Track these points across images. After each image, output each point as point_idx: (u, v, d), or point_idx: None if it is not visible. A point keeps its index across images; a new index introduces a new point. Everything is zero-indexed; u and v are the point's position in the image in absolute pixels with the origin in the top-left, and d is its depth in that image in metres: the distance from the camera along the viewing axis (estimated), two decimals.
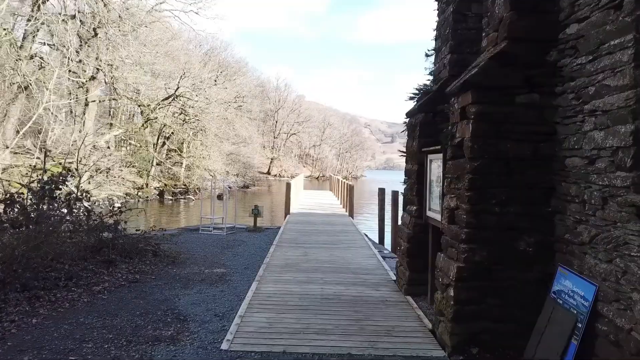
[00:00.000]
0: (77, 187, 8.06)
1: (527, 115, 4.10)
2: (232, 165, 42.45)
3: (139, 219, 19.39)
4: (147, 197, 30.36)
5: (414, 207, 6.01)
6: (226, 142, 41.56)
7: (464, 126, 4.28)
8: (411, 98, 7.03)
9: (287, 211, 14.40)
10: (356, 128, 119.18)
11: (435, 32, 6.82)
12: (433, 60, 7.55)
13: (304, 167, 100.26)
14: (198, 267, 7.86)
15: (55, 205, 7.12)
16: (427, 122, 5.98)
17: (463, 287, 4.06)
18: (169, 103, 28.89)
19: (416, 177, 6.02)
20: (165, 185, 34.81)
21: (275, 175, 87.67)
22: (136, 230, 9.14)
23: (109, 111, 38.22)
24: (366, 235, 11.48)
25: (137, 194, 30.13)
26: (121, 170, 34.68)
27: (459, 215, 4.24)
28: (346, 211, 15.93)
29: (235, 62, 45.16)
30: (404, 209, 6.56)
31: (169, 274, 7.21)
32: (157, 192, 32.18)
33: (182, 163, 36.26)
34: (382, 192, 12.87)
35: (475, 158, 4.09)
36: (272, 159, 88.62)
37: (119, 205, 26.44)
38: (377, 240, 12.20)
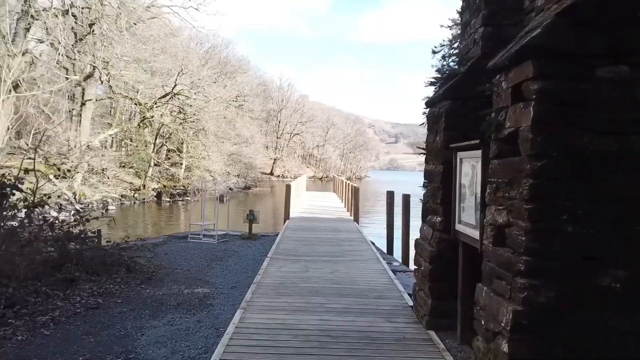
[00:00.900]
0: (33, 191, 6.88)
1: (612, 95, 2.89)
2: (234, 166, 41.35)
3: (123, 226, 18.33)
4: (144, 198, 29.29)
5: (438, 219, 4.79)
6: (227, 142, 40.46)
7: (519, 111, 3.06)
8: (432, 83, 5.82)
9: (286, 216, 13.20)
10: (360, 128, 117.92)
11: (462, 2, 5.60)
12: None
13: (308, 167, 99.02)
14: (177, 285, 6.67)
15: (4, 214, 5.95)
16: (455, 110, 4.76)
17: (523, 340, 2.85)
18: (167, 102, 27.80)
19: (441, 181, 4.80)
20: (164, 186, 33.76)
21: (278, 176, 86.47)
22: (107, 241, 7.97)
23: (110, 111, 37.26)
24: (373, 244, 10.26)
25: (133, 196, 29.07)
26: (118, 171, 33.75)
27: (513, 236, 3.02)
28: (351, 215, 14.71)
29: (237, 60, 44.05)
30: (424, 220, 5.34)
31: (140, 296, 6.02)
32: (154, 194, 31.10)
33: (181, 164, 35.22)
34: (390, 195, 11.64)
35: (538, 156, 2.87)
36: (275, 160, 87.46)
37: (112, 207, 25.44)
38: (385, 250, 10.99)
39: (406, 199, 10.20)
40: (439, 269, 4.68)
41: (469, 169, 4.25)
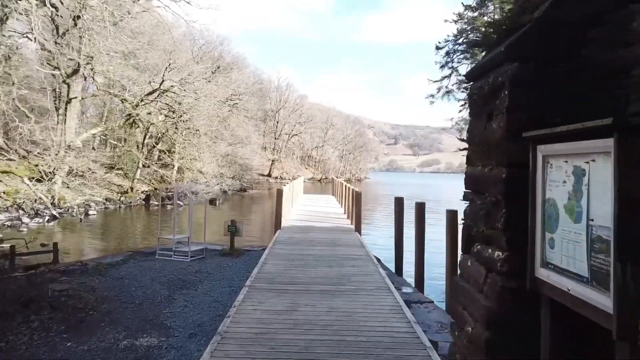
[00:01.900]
0: None
1: None
2: (228, 167, 39.53)
3: (97, 235, 16.49)
4: (131, 202, 27.44)
5: (499, 254, 2.97)
6: (221, 143, 38.65)
7: None
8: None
9: (277, 225, 11.32)
10: (359, 129, 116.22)
11: None
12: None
13: (306, 169, 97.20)
14: (116, 332, 4.84)
15: None
16: (527, 79, 2.93)
17: None
18: (155, 99, 25.97)
19: (504, 193, 2.96)
20: (156, 189, 31.94)
21: (276, 178, 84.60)
22: (20, 272, 6.13)
23: (104, 110, 35.44)
24: (379, 262, 8.44)
25: (119, 199, 27.22)
26: (105, 173, 31.96)
27: None
28: (351, 223, 12.89)
29: (232, 57, 42.24)
30: (467, 250, 3.52)
31: (51, 356, 4.19)
32: (143, 197, 29.26)
33: (173, 165, 33.42)
34: (399, 203, 9.74)
35: None
36: (273, 161, 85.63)
37: (94, 212, 23.60)
38: (393, 268, 9.16)
39: (420, 209, 8.37)
40: (504, 338, 2.84)
41: (562, 175, 2.44)
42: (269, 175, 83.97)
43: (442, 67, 37.05)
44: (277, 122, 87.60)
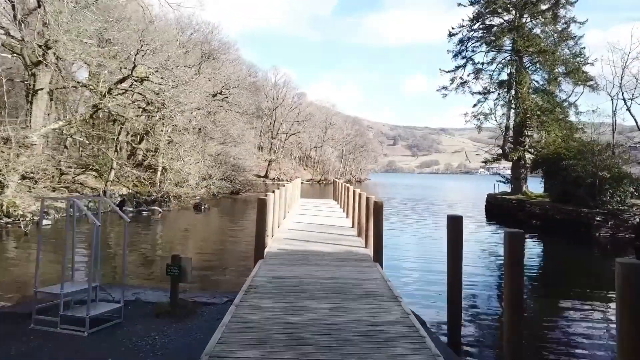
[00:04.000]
0: None
1: None
2: (218, 168, 35.83)
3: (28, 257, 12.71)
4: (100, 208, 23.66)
5: None
6: (210, 141, 35.00)
7: None
8: None
9: (257, 253, 7.57)
10: (359, 129, 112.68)
11: None
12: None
13: (305, 169, 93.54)
14: None
15: None
16: None
17: None
18: (129, 88, 22.24)
19: None
20: (137, 192, 28.26)
21: (273, 179, 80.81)
22: None
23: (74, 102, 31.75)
24: (427, 331, 4.79)
25: (87, 204, 23.44)
26: (78, 174, 28.23)
27: None
28: (364, 244, 9.21)
29: (221, 44, 38.50)
30: None
31: None
32: (118, 201, 25.49)
33: (157, 166, 29.71)
34: (455, 224, 5.73)
35: None
36: (269, 161, 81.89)
37: (48, 222, 19.80)
38: (444, 333, 5.48)
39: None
40: None
41: None
42: (266, 176, 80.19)
43: (455, 55, 33.29)
44: (274, 121, 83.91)
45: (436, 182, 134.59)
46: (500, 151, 34.21)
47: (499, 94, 30.62)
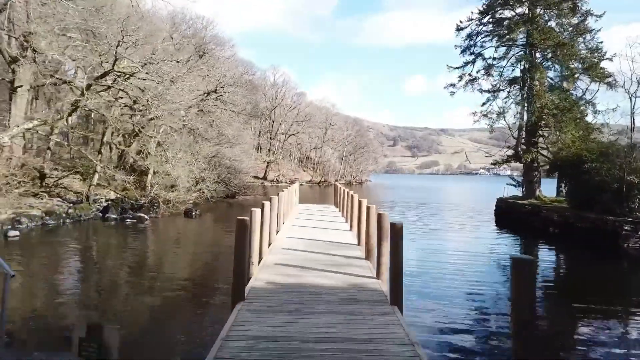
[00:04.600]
0: None
1: None
2: (211, 171, 33.94)
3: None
4: (81, 215, 21.75)
5: None
6: (204, 142, 33.10)
7: None
8: None
9: (236, 293, 5.59)
10: (360, 130, 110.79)
11: None
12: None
13: (304, 171, 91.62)
14: None
15: None
16: None
17: None
18: (112, 84, 20.36)
19: None
20: (125, 197, 26.36)
21: (272, 181, 78.94)
22: None
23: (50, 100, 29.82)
24: None
25: (66, 212, 21.56)
26: (60, 177, 26.32)
27: None
28: (374, 273, 7.32)
29: (215, 39, 36.55)
30: None
31: None
32: (101, 207, 23.60)
33: (148, 168, 27.80)
34: (525, 268, 3.80)
35: None
36: (268, 163, 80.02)
37: (15, 232, 17.87)
38: None
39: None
40: None
41: None
42: (264, 178, 78.29)
43: (464, 51, 31.29)
44: (273, 121, 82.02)
45: (438, 183, 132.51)
46: (510, 152, 32.36)
47: (508, 92, 28.78)
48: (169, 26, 36.90)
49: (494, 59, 27.63)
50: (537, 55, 26.37)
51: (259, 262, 7.85)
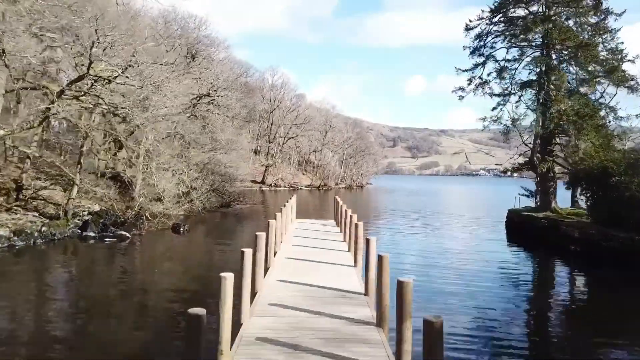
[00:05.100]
0: None
1: None
2: (203, 180, 31.96)
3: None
4: (55, 234, 19.69)
5: None
6: (195, 149, 31.11)
7: None
8: None
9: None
10: (360, 132, 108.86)
11: None
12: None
13: (304, 174, 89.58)
14: None
15: None
16: None
17: None
18: (87, 91, 18.34)
19: None
20: (110, 209, 24.39)
21: (271, 185, 76.93)
22: None
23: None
24: None
25: (39, 230, 19.54)
26: (39, 189, 24.32)
27: None
28: (381, 339, 5.40)
29: (207, 40, 34.52)
30: None
31: None
32: (79, 224, 21.57)
33: (135, 178, 25.76)
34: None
35: None
36: (266, 167, 78.00)
37: None
38: None
39: None
40: None
41: None
42: (263, 182, 76.26)
43: (473, 52, 29.04)
44: (271, 124, 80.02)
45: (438, 185, 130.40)
46: (521, 159, 30.41)
47: (520, 96, 26.81)
48: (160, 26, 34.95)
49: (507, 60, 25.65)
50: (553, 56, 24.39)
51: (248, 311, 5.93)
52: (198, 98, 30.02)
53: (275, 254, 11.40)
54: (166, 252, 19.08)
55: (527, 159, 29.37)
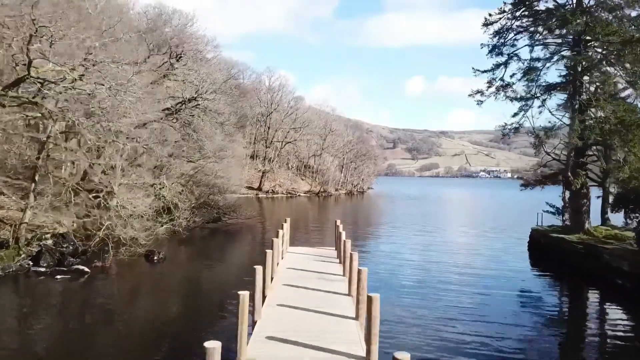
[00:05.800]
0: None
1: None
2: (190, 194, 28.56)
3: None
4: (2, 269, 16.24)
5: None
6: (178, 160, 27.69)
7: None
8: None
9: None
10: (361, 135, 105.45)
11: None
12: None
13: (302, 180, 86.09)
14: None
15: None
16: None
17: None
18: (32, 99, 14.94)
19: None
20: (76, 231, 21.01)
21: (267, 192, 73.49)
22: None
23: None
24: None
25: None
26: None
27: None
28: None
29: (192, 39, 31.10)
30: None
31: None
32: (33, 254, 18.11)
33: (104, 197, 22.26)
34: None
35: None
36: (263, 172, 74.53)
37: None
38: None
39: None
40: None
41: None
42: (259, 188, 72.83)
43: (492, 51, 24.53)
44: (268, 128, 76.54)
45: (441, 189, 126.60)
46: (546, 171, 27.08)
47: (543, 100, 23.44)
48: (142, 22, 31.59)
49: (534, 59, 22.22)
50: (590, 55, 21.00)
51: None
52: (182, 103, 26.68)
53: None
54: (131, 290, 15.69)
55: (553, 171, 26.01)
